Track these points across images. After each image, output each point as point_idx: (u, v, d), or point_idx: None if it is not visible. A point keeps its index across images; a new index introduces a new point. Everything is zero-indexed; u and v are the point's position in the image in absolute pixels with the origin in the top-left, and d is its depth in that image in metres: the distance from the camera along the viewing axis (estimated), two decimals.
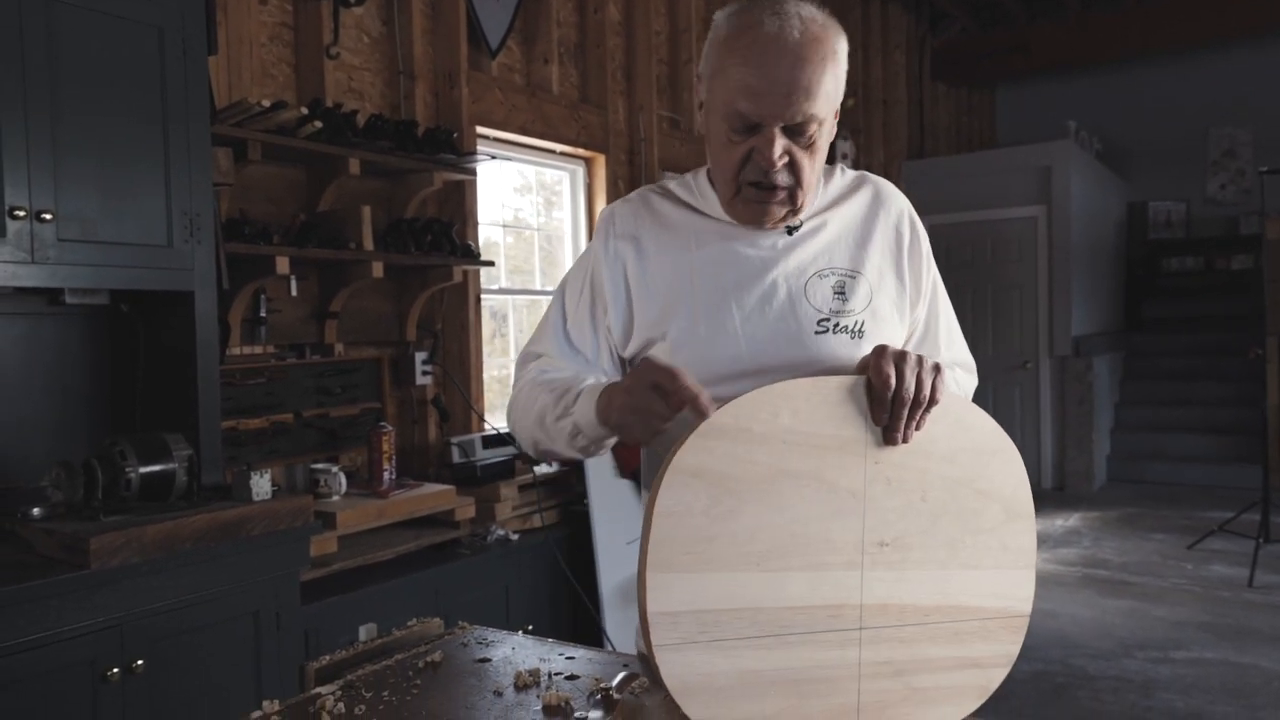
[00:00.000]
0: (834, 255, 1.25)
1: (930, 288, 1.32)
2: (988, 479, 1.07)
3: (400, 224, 3.20)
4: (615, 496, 3.50)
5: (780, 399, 0.99)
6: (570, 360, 1.29)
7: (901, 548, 1.03)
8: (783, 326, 1.21)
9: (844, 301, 1.23)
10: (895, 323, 1.26)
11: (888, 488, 1.03)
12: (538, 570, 3.28)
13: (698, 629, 0.95)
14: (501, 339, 4.24)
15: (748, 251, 1.24)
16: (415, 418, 3.46)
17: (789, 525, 0.99)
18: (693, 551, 0.95)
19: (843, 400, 1.02)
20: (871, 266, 1.26)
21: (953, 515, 1.06)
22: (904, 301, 1.28)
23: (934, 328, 1.33)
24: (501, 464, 3.42)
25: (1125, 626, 4.04)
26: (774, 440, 0.98)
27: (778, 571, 0.98)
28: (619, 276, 1.26)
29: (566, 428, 1.17)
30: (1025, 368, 7.00)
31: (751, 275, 1.23)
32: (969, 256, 7.19)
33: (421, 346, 3.49)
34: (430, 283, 3.36)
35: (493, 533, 3.19)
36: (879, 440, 1.02)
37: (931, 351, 1.32)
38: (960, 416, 1.07)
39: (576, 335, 1.30)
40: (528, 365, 1.33)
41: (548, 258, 4.51)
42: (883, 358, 1.02)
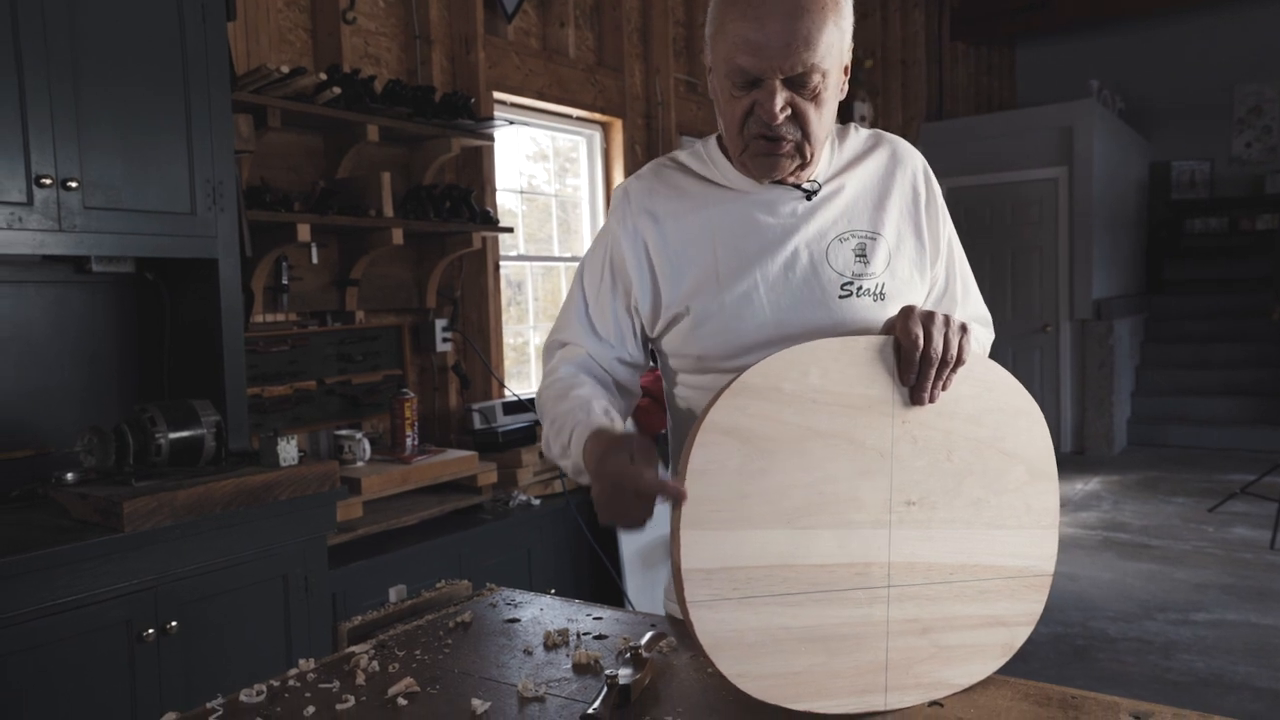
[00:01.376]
0: (853, 217, 1.25)
1: (947, 245, 1.31)
2: (1012, 439, 1.08)
3: (419, 190, 3.20)
4: None
5: (809, 359, 1.00)
6: (595, 346, 1.29)
7: (927, 507, 1.04)
8: (807, 293, 1.21)
9: (865, 264, 1.23)
10: (915, 283, 1.26)
11: (914, 447, 1.04)
12: (559, 534, 3.31)
13: (730, 586, 0.97)
14: (519, 306, 4.25)
15: (767, 220, 1.24)
16: (436, 384, 3.48)
17: (818, 484, 1.00)
18: (725, 509, 0.97)
19: (871, 360, 1.02)
20: (890, 227, 1.26)
21: (978, 475, 1.06)
22: (923, 260, 1.27)
23: (952, 283, 1.33)
24: (522, 430, 3.44)
25: (1146, 589, 4.04)
26: (803, 399, 0.99)
27: (807, 529, 0.99)
28: (640, 254, 1.26)
29: (568, 464, 1.19)
30: (1045, 331, 6.96)
31: (773, 243, 1.22)
32: (988, 219, 7.13)
33: (441, 313, 3.50)
34: (449, 249, 3.36)
35: (515, 498, 3.22)
36: (906, 400, 1.03)
37: (949, 307, 1.32)
38: (985, 377, 1.07)
39: (599, 320, 1.30)
40: (554, 355, 1.33)
41: (564, 225, 4.51)
42: (910, 318, 1.02)
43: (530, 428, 3.48)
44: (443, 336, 3.44)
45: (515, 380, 4.10)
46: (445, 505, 2.99)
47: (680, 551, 0.95)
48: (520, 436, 3.41)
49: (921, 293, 1.28)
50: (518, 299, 4.25)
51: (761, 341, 1.20)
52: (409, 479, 2.92)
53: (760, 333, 1.20)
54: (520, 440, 3.40)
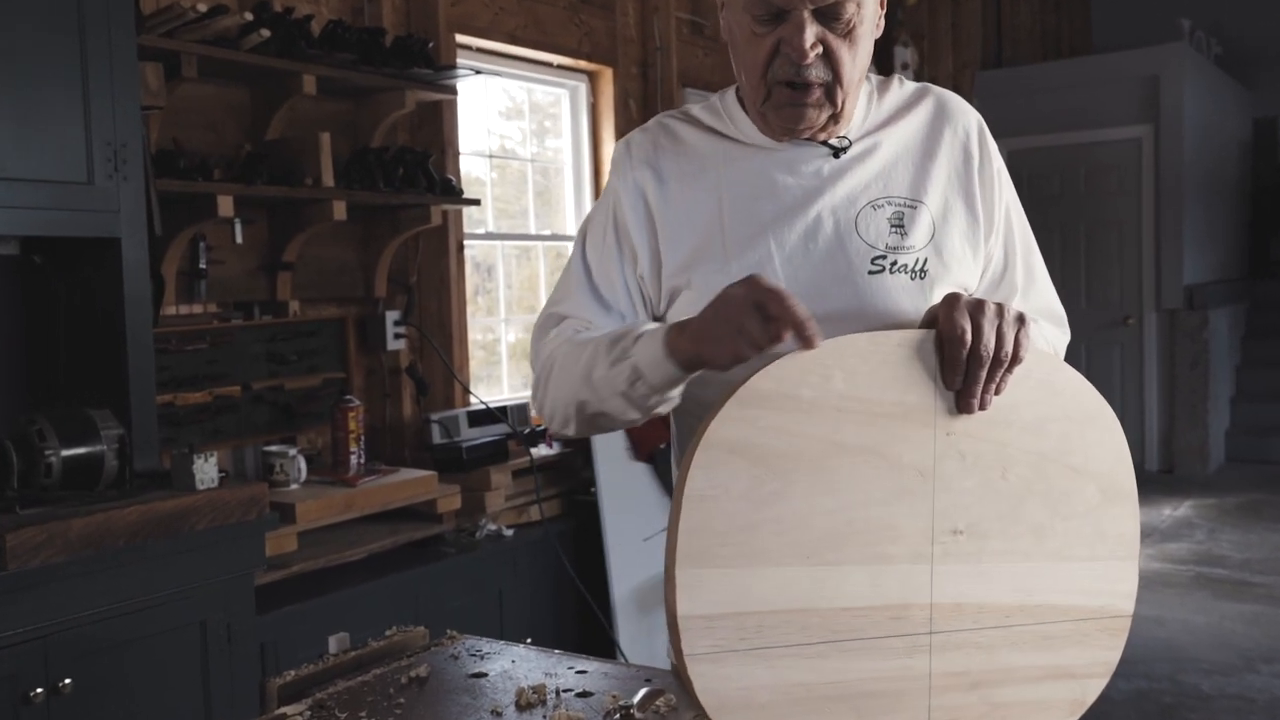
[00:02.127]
0: (890, 181, 1.26)
1: (1004, 217, 1.32)
2: (1081, 453, 1.09)
3: (366, 155, 3.20)
4: (629, 484, 3.52)
5: (833, 359, 1.00)
6: (602, 318, 1.30)
7: (978, 536, 1.05)
8: (831, 266, 1.22)
9: (902, 236, 1.24)
10: (966, 261, 1.27)
11: (962, 464, 1.04)
12: (537, 572, 3.31)
13: (737, 635, 0.97)
14: (488, 296, 4.26)
15: (786, 180, 1.25)
16: (387, 390, 3.47)
17: (845, 511, 1.00)
18: (731, 543, 0.97)
19: (907, 359, 1.03)
20: (935, 194, 1.26)
21: (1039, 497, 1.07)
22: (976, 235, 1.28)
23: (1011, 267, 1.33)
24: (491, 445, 3.44)
25: (1248, 636, 4.05)
26: (826, 408, 1.00)
27: (832, 566, 1.00)
28: (641, 213, 1.28)
29: (624, 373, 1.16)
30: (1126, 324, 6.99)
31: (792, 207, 1.24)
32: (1057, 189, 7.14)
33: (393, 304, 3.49)
34: (403, 226, 3.36)
35: (482, 527, 3.22)
36: (951, 407, 1.03)
37: (1007, 295, 1.33)
38: (1048, 378, 1.08)
39: (606, 288, 1.31)
40: (549, 331, 1.33)
41: (543, 196, 4.51)
42: (955, 307, 1.03)
43: (501, 442, 3.48)
44: (395, 332, 3.44)
45: (483, 385, 4.09)
46: (398, 536, 2.99)
47: (676, 594, 0.96)
48: (489, 452, 3.40)
49: (973, 274, 1.29)
50: (487, 287, 4.26)
51: None
52: (354, 505, 2.92)
53: None
54: (489, 457, 3.40)
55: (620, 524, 3.44)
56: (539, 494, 3.44)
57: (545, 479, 3.56)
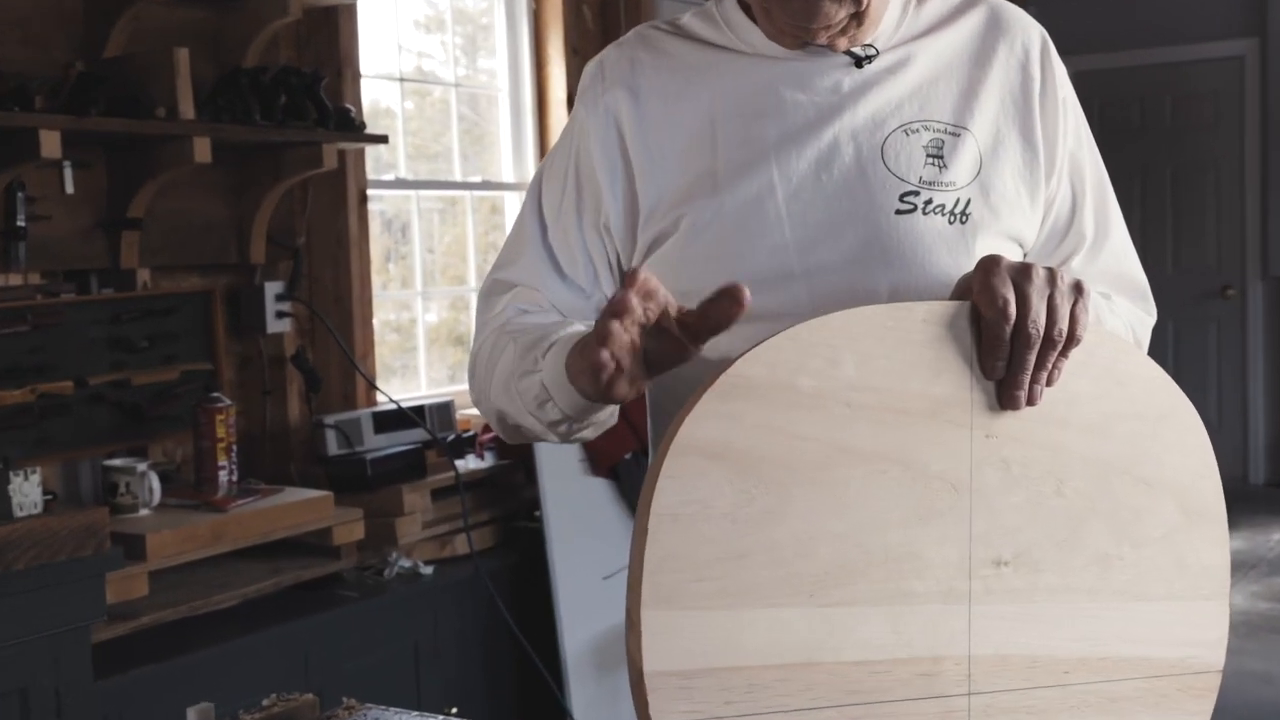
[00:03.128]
0: (927, 103, 1.28)
1: (1071, 154, 1.33)
2: (1155, 461, 1.09)
3: (237, 78, 3.17)
4: (585, 506, 3.52)
5: (841, 337, 1.00)
6: (559, 290, 1.32)
7: (1028, 568, 1.05)
8: (848, 203, 1.24)
9: (941, 169, 1.26)
10: (1020, 206, 1.29)
11: (1005, 475, 1.05)
12: (464, 621, 3.29)
13: (721, 698, 0.97)
14: (402, 263, 4.24)
15: (797, 96, 1.27)
16: (267, 386, 3.45)
17: (857, 535, 1.01)
18: (711, 577, 0.97)
19: (936, 339, 1.03)
20: (984, 121, 1.28)
21: (1104, 517, 1.08)
22: (1034, 175, 1.30)
23: (1079, 215, 1.35)
24: (404, 457, 3.42)
25: None
26: (832, 402, 1.00)
27: (842, 607, 1.00)
28: (613, 145, 1.30)
29: (533, 390, 1.18)
30: (1225, 296, 7.01)
31: (802, 128, 1.26)
32: (1136, 121, 7.18)
33: (275, 273, 3.47)
34: (287, 171, 3.34)
35: (392, 564, 3.20)
36: (992, 402, 1.04)
37: (1072, 251, 1.34)
38: (1113, 365, 1.08)
39: (563, 251, 1.33)
40: (495, 302, 1.35)
41: (473, 133, 4.49)
42: (994, 273, 1.03)
43: (419, 452, 3.47)
44: (278, 310, 3.42)
45: (396, 379, 4.07)
46: (282, 577, 2.98)
47: (642, 645, 0.95)
48: (402, 466, 3.39)
49: (1029, 222, 1.31)
50: (400, 250, 4.24)
51: (777, 274, 1.22)
52: (223, 536, 2.90)
53: (777, 262, 1.23)
54: (401, 472, 3.38)
55: (573, 558, 3.44)
56: (467, 520, 3.42)
57: (475, 500, 3.55)
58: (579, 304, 1.32)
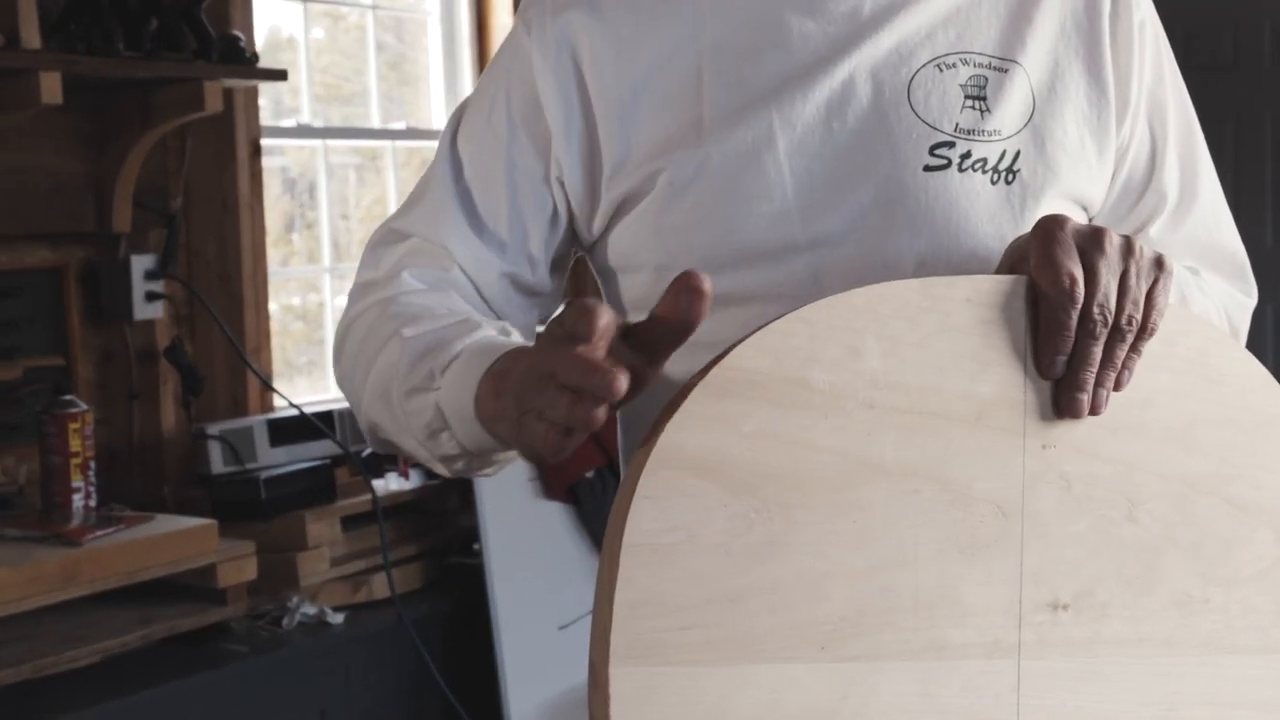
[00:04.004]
0: (966, 29, 1.29)
1: (1145, 95, 1.34)
2: (1250, 479, 1.10)
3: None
4: (535, 537, 3.53)
5: (865, 320, 1.01)
6: (468, 242, 1.31)
7: (1091, 614, 1.06)
8: (864, 156, 1.24)
9: (983, 114, 1.26)
10: (1086, 160, 1.30)
11: (1066, 497, 1.05)
12: (385, 682, 3.28)
13: None
14: (309, 231, 4.23)
15: (804, 24, 1.27)
16: (135, 387, 3.45)
17: (881, 572, 1.01)
18: (698, 623, 0.97)
19: (983, 324, 1.03)
20: (1038, 53, 1.29)
21: (1185, 550, 1.08)
22: (1104, 121, 1.31)
23: (1160, 169, 1.36)
24: (309, 476, 3.42)
25: None
26: (852, 403, 1.00)
27: (860, 662, 1.00)
28: (567, 79, 1.30)
29: (424, 414, 1.16)
30: None
31: (810, 65, 1.26)
32: (1229, 56, 7.22)
33: (144, 245, 3.46)
34: (157, 116, 3.33)
35: (293, 610, 3.20)
36: (1049, 405, 1.04)
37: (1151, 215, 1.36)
38: (1202, 359, 1.09)
39: (484, 194, 1.32)
40: (382, 257, 1.34)
41: (399, 69, 4.48)
42: (1056, 240, 1.04)
43: (327, 470, 3.46)
44: (148, 291, 3.41)
45: (302, 378, 4.07)
46: (152, 627, 2.96)
47: (610, 710, 0.95)
48: (305, 487, 3.39)
49: (1098, 181, 1.32)
50: (308, 217, 4.23)
51: (778, 246, 1.24)
52: (77, 576, 2.88)
53: (777, 229, 1.24)
54: (305, 495, 3.39)
55: (521, 602, 3.45)
56: (387, 555, 3.42)
57: (398, 530, 3.55)
58: (492, 261, 1.31)
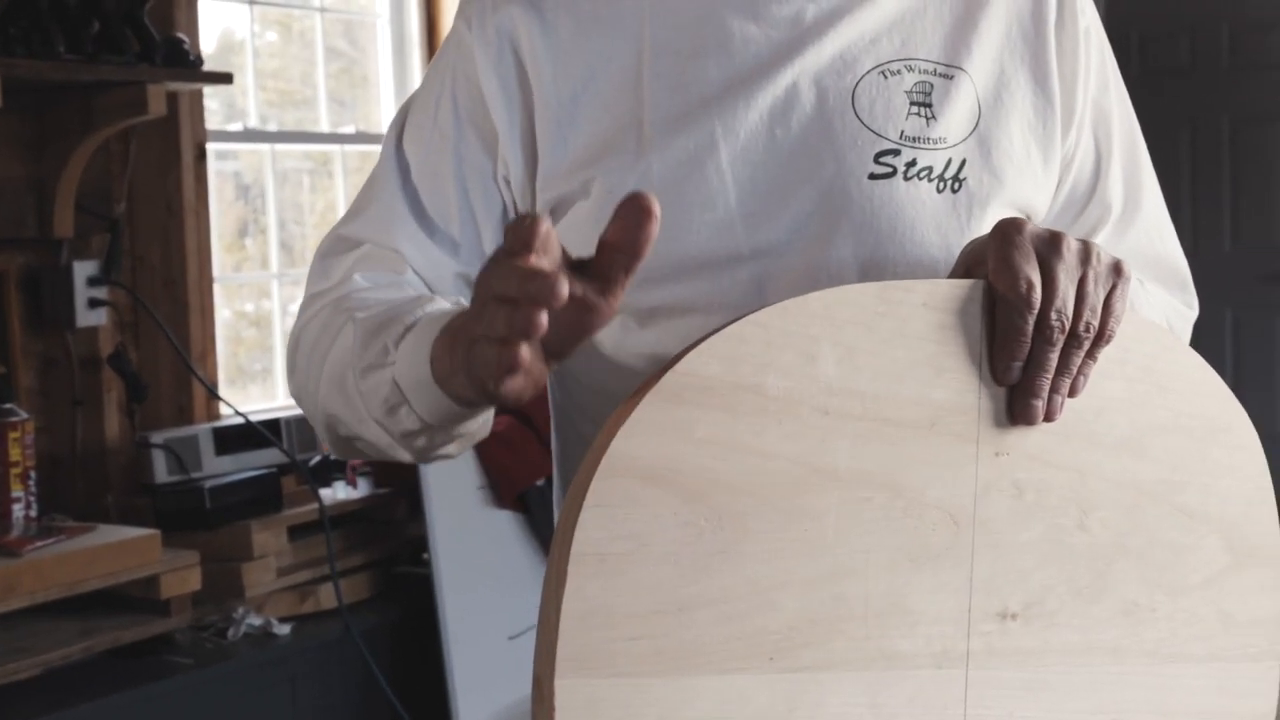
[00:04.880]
0: (912, 36, 1.30)
1: (1090, 103, 1.35)
2: (1200, 487, 1.10)
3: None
4: (485, 546, 3.53)
5: (821, 325, 1.00)
6: (420, 245, 1.31)
7: (1041, 622, 1.06)
8: (809, 165, 1.25)
9: (929, 121, 1.27)
10: (1031, 168, 1.31)
11: (1018, 505, 1.05)
12: (332, 694, 3.28)
13: None
14: (262, 237, 4.22)
15: (746, 28, 1.28)
16: (78, 394, 3.45)
17: (831, 582, 1.01)
18: (646, 634, 0.97)
19: (939, 329, 1.03)
20: (983, 59, 1.30)
21: (1135, 557, 1.09)
22: (1049, 128, 1.32)
23: (1104, 179, 1.37)
24: (254, 485, 3.42)
25: None
26: (806, 408, 1.00)
27: (809, 672, 1.00)
28: (509, 75, 1.29)
29: (380, 390, 1.14)
30: None
31: (753, 70, 1.27)
32: (1186, 59, 7.26)
33: (87, 251, 3.46)
34: (100, 120, 3.33)
35: (239, 621, 3.20)
36: (1002, 411, 1.04)
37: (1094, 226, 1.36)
38: (1155, 365, 1.09)
39: (432, 195, 1.31)
40: (332, 266, 1.33)
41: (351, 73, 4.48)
42: (1014, 244, 1.04)
43: (274, 478, 3.45)
44: (90, 298, 3.41)
45: (256, 385, 4.06)
46: (94, 639, 2.96)
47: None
48: (251, 496, 3.39)
49: (1042, 188, 1.33)
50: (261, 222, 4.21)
51: (722, 257, 1.23)
52: (17, 587, 2.88)
53: (720, 240, 1.24)
54: (251, 504, 3.38)
55: (471, 612, 3.45)
56: (334, 565, 3.42)
57: (346, 539, 3.55)
58: (443, 263, 1.31)
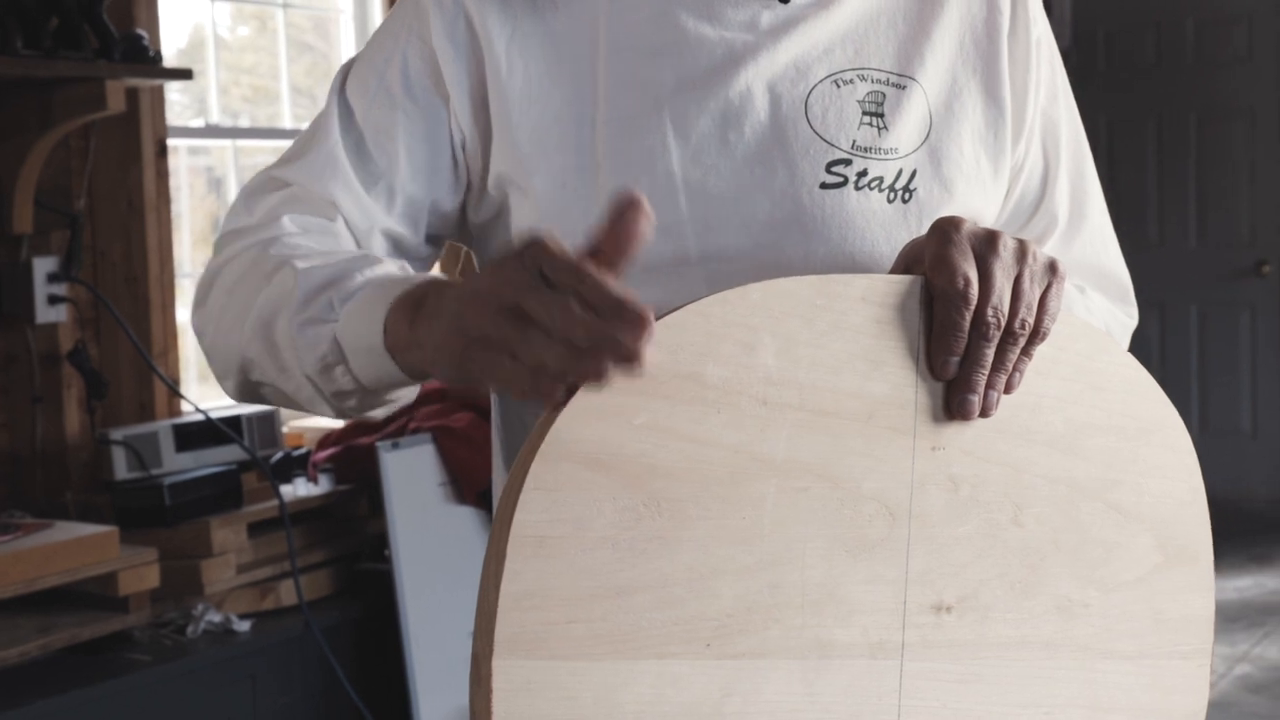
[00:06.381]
0: (865, 46, 1.30)
1: (1039, 114, 1.36)
2: (1133, 485, 1.11)
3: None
4: (446, 542, 3.52)
5: (760, 316, 1.01)
6: (353, 197, 1.28)
7: (975, 616, 1.07)
8: (761, 173, 1.25)
9: (880, 131, 1.27)
10: (981, 178, 1.32)
11: (953, 499, 1.06)
12: (293, 691, 3.28)
13: None
14: None
15: (701, 29, 1.28)
16: (37, 390, 3.44)
17: (768, 570, 1.01)
18: (584, 618, 0.97)
19: (877, 323, 1.04)
20: (936, 69, 1.31)
21: (1068, 554, 1.09)
22: (1000, 139, 1.33)
23: (1051, 187, 1.38)
24: (214, 482, 3.41)
25: None
26: (745, 399, 1.00)
27: (745, 659, 1.00)
28: (461, 44, 1.28)
29: (318, 346, 1.12)
30: (1262, 274, 7.09)
31: (706, 74, 1.27)
32: (1151, 57, 7.27)
33: (47, 247, 3.45)
34: (59, 116, 3.32)
35: (198, 618, 3.19)
36: (939, 406, 1.05)
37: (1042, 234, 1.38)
38: (1090, 364, 1.10)
39: (374, 149, 1.29)
40: (258, 204, 1.30)
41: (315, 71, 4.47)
42: (952, 241, 1.04)
43: (234, 475, 3.45)
44: (50, 294, 3.40)
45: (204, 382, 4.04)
46: (52, 636, 2.95)
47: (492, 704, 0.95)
48: (211, 493, 3.38)
49: (991, 198, 1.34)
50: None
51: (668, 261, 1.23)
52: None
53: (664, 244, 1.23)
54: (211, 501, 3.38)
55: (432, 608, 3.44)
56: (295, 562, 3.41)
57: (306, 536, 3.54)
58: (377, 215, 1.29)
